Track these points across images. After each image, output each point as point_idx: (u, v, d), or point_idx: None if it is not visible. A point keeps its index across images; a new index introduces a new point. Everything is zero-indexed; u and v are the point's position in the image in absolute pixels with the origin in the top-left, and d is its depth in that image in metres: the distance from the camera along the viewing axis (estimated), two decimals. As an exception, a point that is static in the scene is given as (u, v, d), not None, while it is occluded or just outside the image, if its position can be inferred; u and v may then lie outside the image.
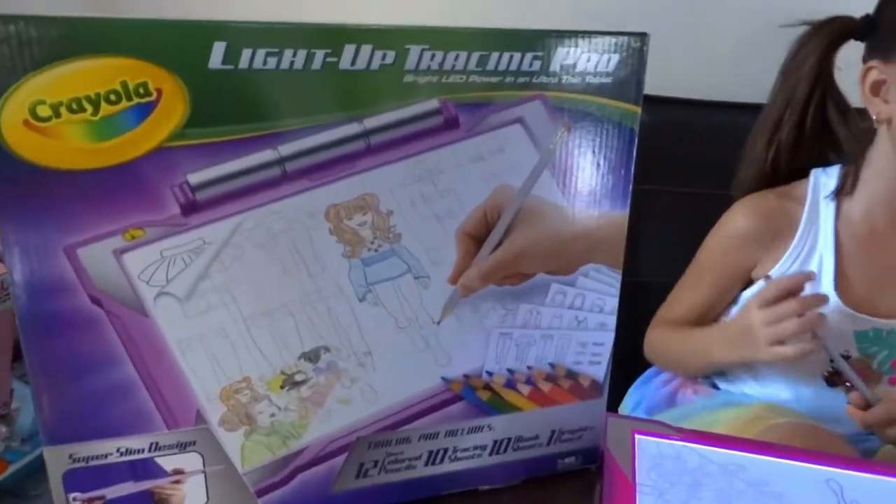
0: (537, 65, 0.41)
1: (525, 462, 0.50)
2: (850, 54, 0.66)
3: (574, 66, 0.42)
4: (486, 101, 0.41)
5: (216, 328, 0.40)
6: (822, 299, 0.58)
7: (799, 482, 0.50)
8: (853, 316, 0.63)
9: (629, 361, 0.87)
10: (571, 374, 0.49)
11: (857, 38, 0.64)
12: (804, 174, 0.68)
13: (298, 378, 0.42)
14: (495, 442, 0.48)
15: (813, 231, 0.66)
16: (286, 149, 0.38)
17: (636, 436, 0.55)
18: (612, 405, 0.95)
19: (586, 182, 0.44)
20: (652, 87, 0.94)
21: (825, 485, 0.50)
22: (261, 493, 0.44)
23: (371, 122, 0.39)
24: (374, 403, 0.44)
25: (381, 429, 0.45)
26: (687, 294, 0.75)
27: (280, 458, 0.44)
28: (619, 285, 0.48)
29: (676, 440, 0.54)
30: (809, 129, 0.66)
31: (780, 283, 0.59)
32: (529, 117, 0.42)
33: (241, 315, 0.40)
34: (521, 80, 0.41)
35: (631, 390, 0.88)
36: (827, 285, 0.64)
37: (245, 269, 0.40)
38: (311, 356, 0.42)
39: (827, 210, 0.66)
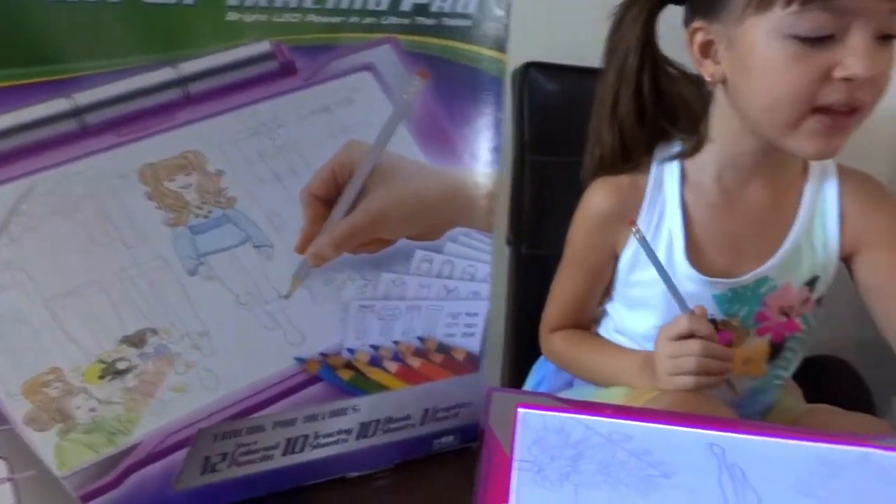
0: (386, 3, 0.36)
1: (397, 444, 0.46)
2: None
3: (428, 6, 0.37)
4: (327, 44, 0.36)
5: (11, 312, 0.34)
6: (726, 354, 0.57)
7: (682, 449, 0.48)
8: (709, 281, 0.63)
9: (534, 337, 0.85)
10: (443, 348, 0.45)
11: (675, 2, 0.63)
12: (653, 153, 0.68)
13: (121, 366, 0.37)
14: (362, 425, 0.44)
15: (659, 201, 0.65)
16: (84, 97, 0.32)
17: (519, 410, 0.52)
18: (517, 383, 0.93)
19: (449, 137, 0.40)
20: (559, 55, 0.91)
21: (708, 449, 0.48)
22: (87, 497, 0.38)
23: (189, 68, 0.34)
24: (215, 390, 0.39)
25: (228, 418, 0.40)
26: (565, 284, 0.73)
27: (106, 458, 0.38)
28: (490, 250, 0.44)
29: (561, 412, 0.52)
30: (648, 99, 0.64)
31: (690, 322, 0.57)
32: (380, 63, 0.37)
33: (42, 295, 0.34)
34: (368, 20, 0.36)
35: (534, 368, 0.86)
36: (679, 254, 0.63)
37: (42, 241, 0.34)
38: (135, 340, 0.37)
39: (671, 179, 0.65)
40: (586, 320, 0.74)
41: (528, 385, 0.85)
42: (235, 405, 0.40)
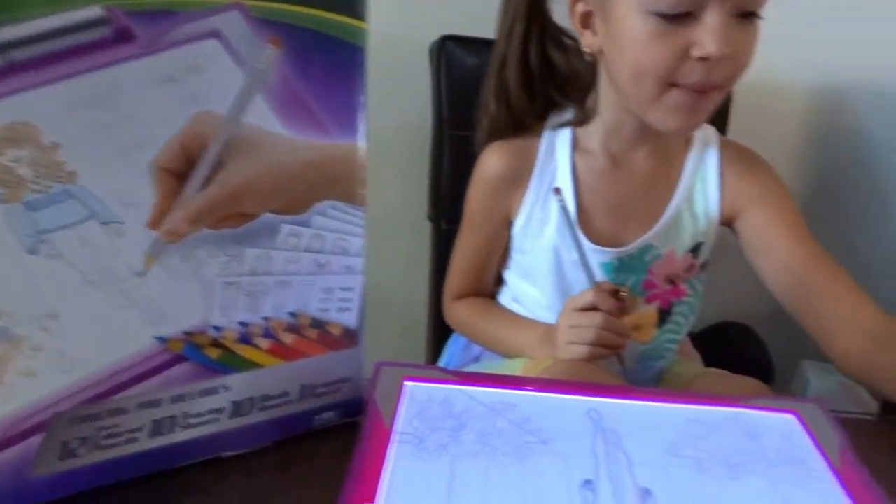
0: (230, -33, 0.35)
1: (275, 422, 0.46)
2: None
3: (274, -30, 0.36)
4: (167, 9, 0.34)
5: None
6: (623, 330, 0.59)
7: (562, 415, 0.49)
8: (596, 249, 0.64)
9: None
10: (318, 323, 0.45)
11: None
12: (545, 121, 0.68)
13: (-42, 350, 0.35)
14: (235, 403, 0.44)
15: (551, 167, 0.66)
16: None
17: (405, 383, 0.52)
18: (435, 360, 0.94)
19: (310, 108, 0.39)
20: (477, 27, 0.90)
21: (586, 415, 0.50)
22: (-68, 488, 0.37)
23: (11, 34, 0.32)
24: (68, 373, 0.38)
25: (85, 401, 0.39)
26: (464, 251, 0.73)
27: (-50, 447, 0.36)
28: (363, 224, 0.44)
29: (448, 384, 0.52)
30: (535, 68, 0.65)
31: (595, 295, 0.58)
32: (227, 30, 0.36)
33: None
34: (211, -15, 0.35)
35: (445, 347, 0.87)
36: (574, 225, 0.64)
37: None
38: (-29, 323, 0.35)
39: (563, 145, 0.66)
40: (487, 288, 0.75)
41: (440, 363, 0.85)
42: (93, 387, 0.39)
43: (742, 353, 0.91)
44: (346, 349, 0.46)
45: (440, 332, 0.97)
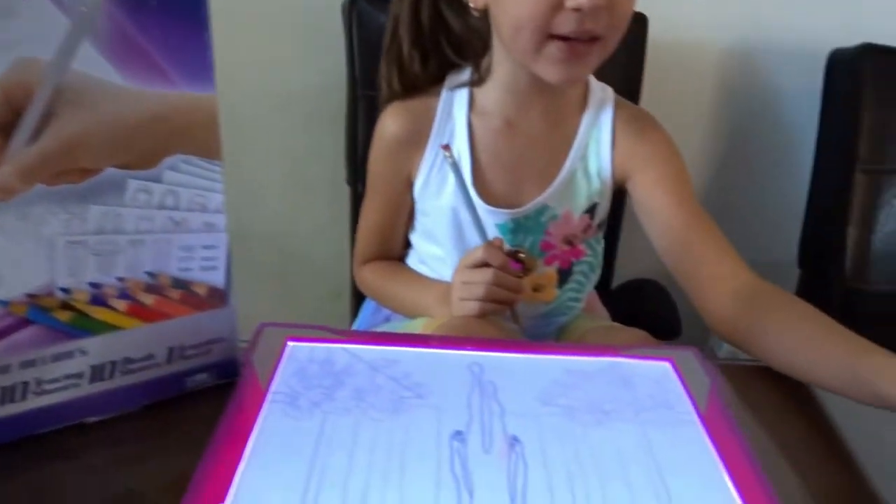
0: None
1: (142, 385, 0.44)
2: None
3: None
4: (-30, -54, 0.32)
5: None
6: (514, 285, 0.58)
7: (443, 370, 0.49)
8: (491, 210, 0.64)
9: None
10: (181, 283, 0.43)
11: None
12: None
13: None
14: (94, 367, 0.42)
15: (448, 127, 0.65)
16: None
17: (288, 343, 0.51)
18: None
19: (148, 56, 0.38)
20: None
21: (467, 369, 0.50)
22: None
23: None
24: None
25: (-80, 369, 0.37)
26: (369, 215, 0.72)
27: None
28: (221, 179, 0.42)
29: (331, 343, 0.52)
30: (426, 26, 0.64)
31: (485, 252, 0.58)
32: (43, -29, 0.34)
33: None
34: (20, -79, 0.33)
35: (361, 309, 0.86)
36: (465, 181, 0.64)
37: None
38: None
39: (460, 105, 0.65)
40: (394, 251, 0.74)
41: (353, 326, 0.85)
42: (-74, 355, 0.37)
43: (656, 309, 0.92)
44: (214, 309, 0.45)
45: (363, 295, 0.96)
